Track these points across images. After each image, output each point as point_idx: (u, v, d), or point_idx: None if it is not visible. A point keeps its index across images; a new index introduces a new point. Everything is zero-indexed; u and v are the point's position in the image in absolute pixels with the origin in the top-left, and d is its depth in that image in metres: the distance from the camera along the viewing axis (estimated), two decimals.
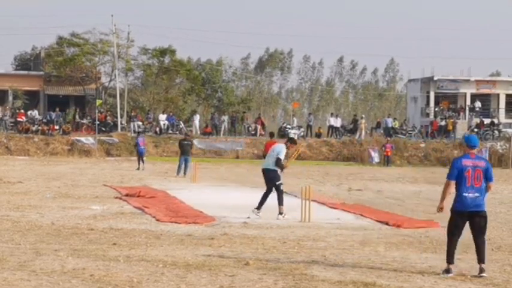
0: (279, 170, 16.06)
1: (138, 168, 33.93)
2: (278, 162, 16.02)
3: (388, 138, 47.87)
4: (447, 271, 9.85)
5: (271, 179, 16.14)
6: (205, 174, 30.50)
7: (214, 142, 49.34)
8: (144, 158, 35.52)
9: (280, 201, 15.99)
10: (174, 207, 17.77)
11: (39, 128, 49.04)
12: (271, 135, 29.73)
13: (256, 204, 16.06)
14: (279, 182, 16.05)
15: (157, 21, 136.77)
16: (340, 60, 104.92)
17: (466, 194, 9.77)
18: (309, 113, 64.50)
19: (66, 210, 16.89)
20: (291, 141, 16.70)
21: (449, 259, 9.93)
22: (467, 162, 9.82)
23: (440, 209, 10.12)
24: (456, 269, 9.98)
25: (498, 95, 60.10)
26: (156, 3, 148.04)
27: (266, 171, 16.27)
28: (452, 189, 9.94)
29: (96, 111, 50.85)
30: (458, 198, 9.83)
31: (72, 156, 45.08)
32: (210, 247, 11.83)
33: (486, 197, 10.03)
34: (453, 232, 9.95)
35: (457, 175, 9.81)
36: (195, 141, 44.67)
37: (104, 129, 49.99)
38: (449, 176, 9.89)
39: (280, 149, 16.24)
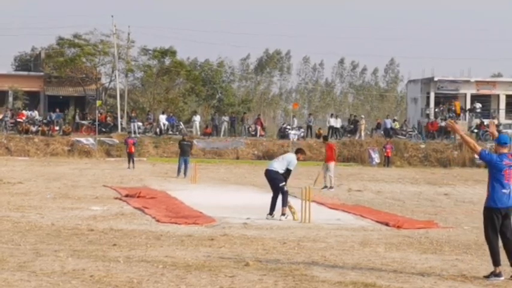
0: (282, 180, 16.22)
1: (129, 167, 35.28)
2: (289, 174, 16.36)
3: (388, 139, 47.86)
4: (498, 275, 9.53)
5: (273, 179, 16.20)
6: (205, 175, 30.51)
7: (214, 142, 49.34)
8: (134, 158, 37.35)
9: (284, 203, 16.03)
10: (174, 208, 17.78)
11: (39, 128, 49.04)
12: (325, 138, 29.92)
13: (268, 210, 16.16)
14: (282, 183, 16.08)
15: (158, 22, 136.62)
16: (341, 61, 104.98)
17: (504, 191, 9.58)
18: (309, 114, 64.48)
19: (66, 210, 16.90)
20: (300, 152, 16.94)
21: (497, 261, 9.60)
22: (506, 162, 9.64)
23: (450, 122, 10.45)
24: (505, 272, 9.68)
25: (498, 95, 60.07)
26: (156, 3, 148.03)
27: (269, 172, 16.34)
28: (472, 141, 9.97)
29: (97, 111, 50.86)
30: (497, 194, 9.59)
31: (72, 157, 45.06)
32: (210, 248, 11.83)
33: None
34: (494, 230, 9.62)
35: (493, 169, 9.62)
36: (195, 142, 44.74)
37: (104, 130, 50.00)
38: (484, 150, 9.79)
39: (292, 159, 16.38)
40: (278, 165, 16.32)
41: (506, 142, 9.90)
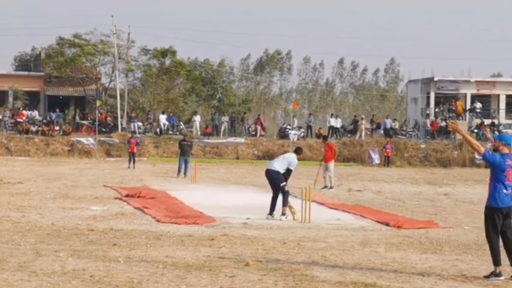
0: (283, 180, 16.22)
1: (130, 167, 35.28)
2: (289, 174, 16.39)
3: (388, 139, 47.85)
4: (498, 274, 9.56)
5: (273, 179, 16.20)
6: (205, 175, 30.50)
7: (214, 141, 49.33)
8: (136, 158, 37.29)
9: (285, 203, 16.03)
10: (175, 208, 17.78)
11: (39, 128, 49.03)
12: (325, 138, 29.87)
13: (268, 210, 16.14)
14: (283, 183, 16.08)
15: (158, 22, 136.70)
16: (341, 61, 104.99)
17: (506, 191, 9.61)
18: (309, 114, 64.52)
19: (66, 210, 16.90)
20: (300, 152, 17.06)
21: (498, 261, 9.64)
22: (509, 163, 9.70)
23: (453, 123, 10.63)
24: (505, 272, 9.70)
25: (498, 95, 60.08)
26: (156, 3, 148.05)
27: (269, 172, 16.33)
28: (476, 142, 9.96)
29: (97, 111, 50.85)
30: (499, 194, 9.63)
31: (72, 157, 45.04)
32: (210, 248, 11.83)
33: None
34: (495, 230, 9.65)
35: (495, 169, 9.66)
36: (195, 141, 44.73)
37: (104, 130, 50.00)
38: (488, 151, 9.80)
39: (292, 159, 16.39)
40: (279, 165, 16.33)
41: (509, 143, 9.93)
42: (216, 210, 17.15)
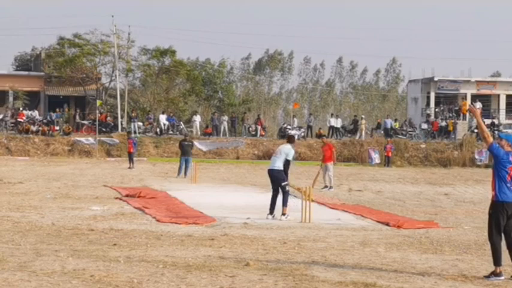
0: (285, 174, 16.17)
1: (130, 167, 35.55)
2: (288, 164, 16.25)
3: (389, 139, 47.85)
4: (498, 274, 9.56)
5: (276, 179, 16.15)
6: (205, 175, 30.51)
7: (215, 142, 49.30)
8: (134, 158, 37.58)
9: (285, 202, 15.99)
10: (175, 208, 17.77)
11: (40, 128, 49.03)
12: (321, 136, 29.80)
13: (268, 210, 16.12)
14: (285, 182, 16.06)
15: (158, 22, 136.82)
16: (340, 60, 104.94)
17: (509, 185, 9.65)
18: (309, 114, 64.48)
19: (66, 210, 16.90)
20: (292, 140, 16.96)
21: (498, 261, 9.63)
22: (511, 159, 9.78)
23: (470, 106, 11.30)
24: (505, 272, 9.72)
25: (498, 95, 60.08)
26: (156, 3, 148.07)
27: (271, 172, 16.28)
28: (487, 130, 9.95)
29: (97, 111, 50.86)
30: (502, 189, 9.66)
31: (73, 157, 45.07)
32: (210, 248, 11.83)
33: None
34: (498, 230, 9.63)
35: (498, 164, 9.70)
36: (196, 142, 44.73)
37: (104, 129, 50.00)
38: (495, 143, 9.82)
39: (288, 150, 16.35)
40: (280, 163, 16.24)
41: None
42: (216, 210, 17.16)
